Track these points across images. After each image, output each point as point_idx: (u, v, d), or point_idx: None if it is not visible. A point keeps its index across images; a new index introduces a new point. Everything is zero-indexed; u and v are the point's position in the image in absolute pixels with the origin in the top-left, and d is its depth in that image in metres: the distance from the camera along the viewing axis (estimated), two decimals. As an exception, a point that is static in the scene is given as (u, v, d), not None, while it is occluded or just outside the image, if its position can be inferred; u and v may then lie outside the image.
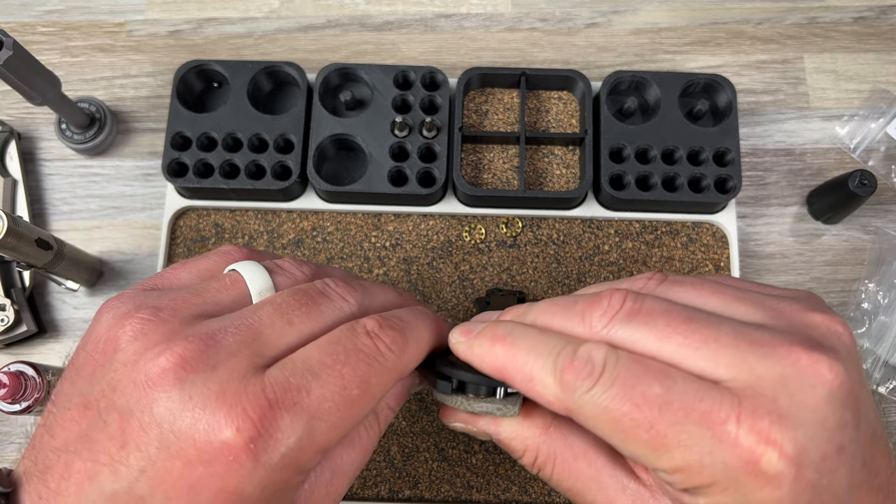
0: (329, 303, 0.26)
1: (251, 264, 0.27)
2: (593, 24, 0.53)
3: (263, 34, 0.53)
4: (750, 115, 0.51)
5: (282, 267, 0.27)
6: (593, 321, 0.24)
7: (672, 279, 0.25)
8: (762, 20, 0.53)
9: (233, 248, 0.28)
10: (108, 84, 0.52)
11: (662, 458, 0.21)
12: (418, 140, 0.46)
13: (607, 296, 0.24)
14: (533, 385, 0.24)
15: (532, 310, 0.27)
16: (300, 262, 0.28)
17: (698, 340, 0.22)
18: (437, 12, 0.53)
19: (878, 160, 0.50)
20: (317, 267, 0.29)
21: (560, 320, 0.25)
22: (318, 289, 0.26)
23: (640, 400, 0.21)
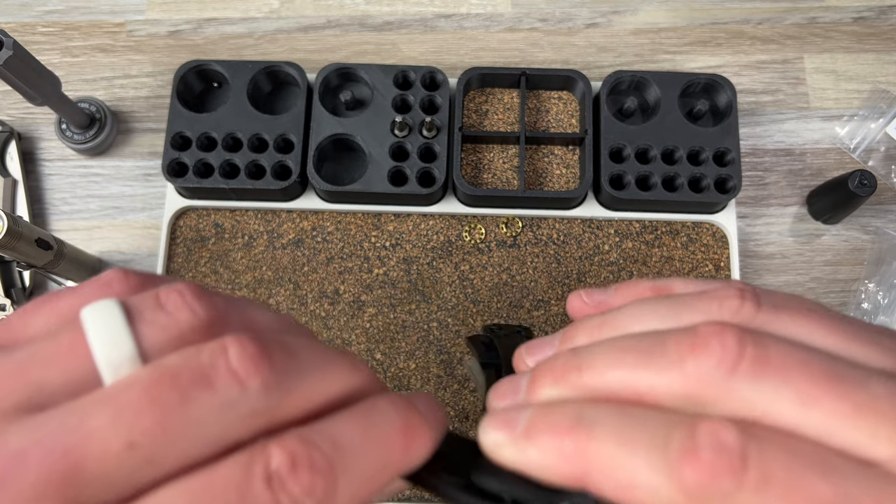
0: (214, 399, 0.15)
1: (105, 308, 0.16)
2: (593, 24, 0.53)
3: (263, 34, 0.53)
4: (750, 115, 0.51)
5: (162, 305, 0.17)
6: (703, 376, 0.17)
7: (769, 303, 0.19)
8: (762, 20, 0.53)
9: (115, 276, 0.18)
10: (109, 84, 0.52)
11: None
12: (418, 140, 0.46)
13: (714, 334, 0.17)
14: (636, 493, 0.16)
15: (584, 358, 0.19)
16: (198, 296, 0.17)
17: (852, 407, 0.16)
18: (437, 12, 0.53)
19: (878, 160, 0.50)
20: (227, 304, 0.18)
21: (646, 374, 0.18)
22: (201, 368, 0.16)
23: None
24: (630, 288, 0.22)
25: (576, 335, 0.21)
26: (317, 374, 0.17)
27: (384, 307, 0.46)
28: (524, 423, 0.18)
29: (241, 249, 0.47)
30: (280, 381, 0.16)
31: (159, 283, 0.18)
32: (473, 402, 0.44)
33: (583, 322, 0.21)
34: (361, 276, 0.46)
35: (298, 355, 0.17)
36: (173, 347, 0.16)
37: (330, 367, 0.18)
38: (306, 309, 0.46)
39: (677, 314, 0.19)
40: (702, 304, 0.19)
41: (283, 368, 0.16)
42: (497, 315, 0.46)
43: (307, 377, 0.17)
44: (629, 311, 0.20)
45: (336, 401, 0.18)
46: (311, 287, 0.46)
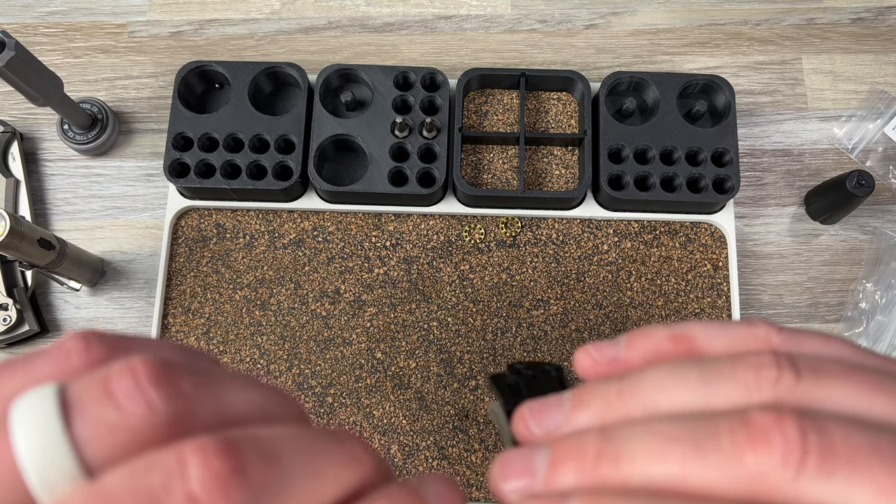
0: None
1: (37, 400, 0.13)
2: (592, 25, 0.54)
3: (265, 35, 0.53)
4: (748, 115, 0.51)
5: (111, 394, 0.13)
6: (767, 474, 0.15)
7: (808, 367, 0.17)
8: (760, 21, 0.53)
9: (75, 346, 0.15)
10: (110, 85, 0.52)
11: None
12: (418, 140, 0.46)
13: (773, 425, 0.15)
14: None
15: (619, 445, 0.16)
16: (158, 379, 0.13)
17: None
18: (437, 14, 0.54)
19: (876, 160, 0.50)
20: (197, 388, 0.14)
21: (699, 471, 0.15)
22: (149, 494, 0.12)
23: None
24: (644, 340, 0.19)
25: (590, 402, 0.18)
26: (305, 483, 0.14)
27: (384, 307, 0.46)
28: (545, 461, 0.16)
29: (242, 249, 0.47)
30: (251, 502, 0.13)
31: (131, 351, 0.15)
32: (473, 400, 0.45)
33: (598, 387, 0.18)
34: (362, 276, 0.47)
35: (282, 461, 0.14)
36: (123, 453, 0.13)
37: (321, 469, 0.14)
38: (307, 308, 0.46)
39: (709, 386, 0.17)
40: (736, 374, 0.17)
41: (260, 485, 0.13)
42: (497, 314, 0.46)
43: (292, 490, 0.14)
44: (653, 379, 0.18)
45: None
46: (312, 287, 0.47)
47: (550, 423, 0.18)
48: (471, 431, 0.44)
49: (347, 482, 0.15)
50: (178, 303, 0.46)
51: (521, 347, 0.46)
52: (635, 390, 0.17)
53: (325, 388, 0.45)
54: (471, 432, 0.44)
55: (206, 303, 0.46)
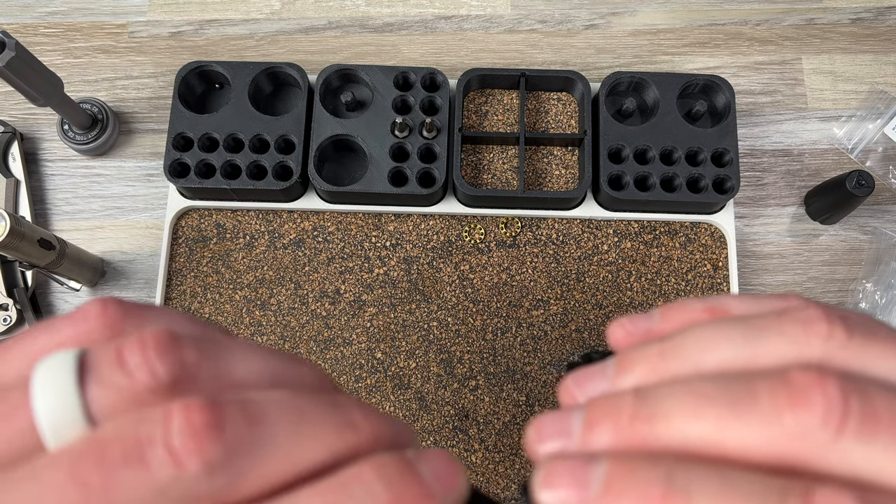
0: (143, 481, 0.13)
1: (58, 364, 0.14)
2: (592, 25, 0.54)
3: (265, 35, 0.53)
4: (748, 115, 0.51)
5: (123, 362, 0.15)
6: (806, 435, 0.14)
7: (859, 333, 0.16)
8: (760, 21, 0.53)
9: (93, 310, 0.16)
10: (111, 85, 0.52)
11: None
12: (418, 141, 0.46)
13: (814, 385, 0.15)
14: None
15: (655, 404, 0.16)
16: (164, 350, 0.15)
17: None
18: (437, 14, 0.54)
19: (876, 161, 0.50)
20: (200, 355, 0.15)
21: (736, 430, 0.15)
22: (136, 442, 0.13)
23: None
24: (680, 311, 0.19)
25: (633, 365, 0.18)
26: (286, 444, 0.14)
27: (385, 307, 0.46)
28: (599, 480, 0.15)
29: (242, 249, 0.47)
30: (231, 460, 0.13)
31: (144, 317, 0.16)
32: (473, 400, 0.45)
33: (639, 350, 0.18)
34: (362, 276, 0.47)
35: (265, 421, 0.14)
36: (125, 410, 0.14)
37: (305, 433, 0.15)
38: (307, 308, 0.46)
39: (755, 340, 0.16)
40: (783, 328, 0.16)
41: (238, 442, 0.14)
42: (497, 314, 0.46)
43: (271, 451, 0.14)
44: (696, 338, 0.17)
45: (315, 469, 0.15)
46: (312, 287, 0.47)
47: (595, 389, 0.18)
48: (471, 431, 0.44)
49: (334, 447, 0.15)
50: (179, 303, 0.46)
51: (521, 347, 0.46)
52: (678, 349, 0.17)
53: (325, 388, 0.45)
54: (471, 432, 0.44)
55: (207, 303, 0.46)
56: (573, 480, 0.15)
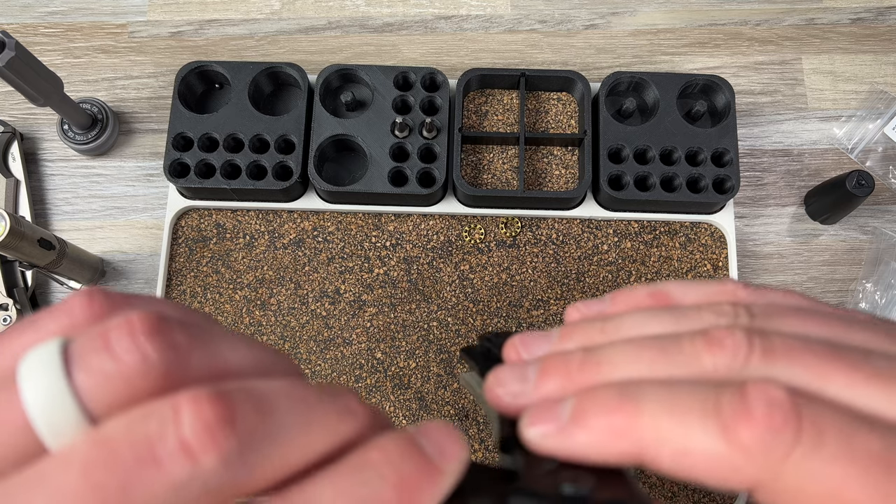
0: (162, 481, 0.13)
1: (41, 355, 0.14)
2: (592, 25, 0.54)
3: (265, 35, 0.53)
4: (748, 115, 0.51)
5: (109, 347, 0.14)
6: (720, 368, 0.18)
7: (763, 308, 0.20)
8: (760, 21, 0.53)
9: (78, 302, 0.16)
10: (110, 85, 0.52)
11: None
12: (418, 140, 0.46)
13: (726, 333, 0.18)
14: (693, 460, 0.16)
15: (601, 355, 0.19)
16: (153, 332, 0.14)
17: (863, 377, 0.17)
18: (436, 14, 0.54)
19: (876, 161, 0.50)
20: (190, 341, 0.15)
21: (665, 369, 0.18)
22: (147, 441, 0.13)
23: (867, 459, 0.15)
24: (627, 296, 0.22)
25: (575, 335, 0.21)
26: (296, 432, 0.14)
27: (384, 307, 0.46)
28: (568, 411, 0.18)
29: (242, 249, 0.47)
30: (245, 452, 0.13)
31: (131, 306, 0.16)
32: (473, 401, 0.45)
33: (582, 324, 0.21)
34: (362, 276, 0.47)
35: (273, 411, 0.14)
36: (122, 402, 0.14)
37: (314, 421, 0.15)
38: (307, 308, 0.46)
39: (677, 323, 0.20)
40: (701, 316, 0.20)
41: (250, 434, 0.14)
42: (497, 314, 0.46)
43: (282, 440, 0.14)
44: (632, 319, 0.20)
45: (323, 456, 0.15)
46: (312, 287, 0.47)
47: (538, 350, 0.21)
48: (471, 432, 0.44)
49: (340, 433, 0.15)
50: (179, 303, 0.46)
51: (521, 347, 0.46)
52: (616, 326, 0.20)
53: (325, 388, 0.45)
54: (471, 432, 0.44)
55: (206, 303, 0.46)
56: (549, 415, 0.18)
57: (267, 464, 0.14)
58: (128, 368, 0.14)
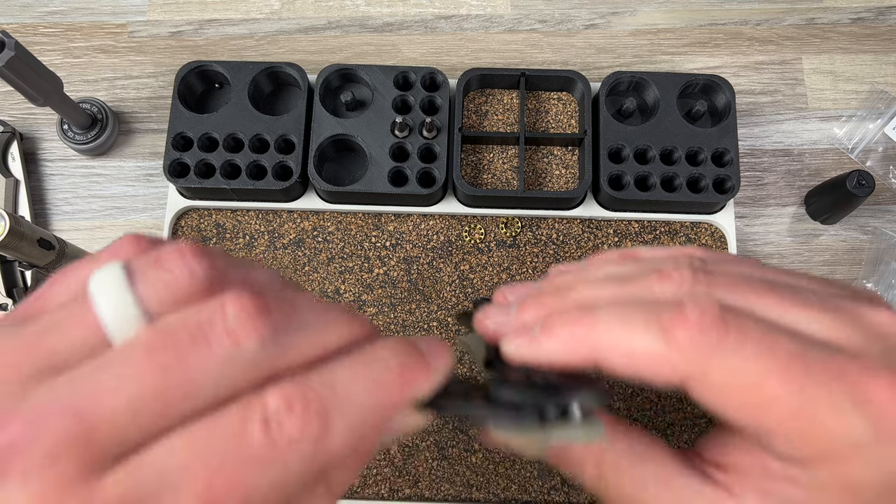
0: (211, 357, 0.16)
1: (109, 272, 0.17)
2: (592, 25, 0.54)
3: (264, 35, 0.53)
4: (748, 115, 0.51)
5: (162, 265, 0.17)
6: (667, 293, 0.22)
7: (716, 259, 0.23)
8: (760, 21, 0.53)
9: (127, 240, 0.19)
10: (110, 85, 0.52)
11: (803, 424, 0.19)
12: (418, 140, 0.46)
13: (675, 269, 0.22)
14: (639, 360, 0.20)
15: (568, 287, 0.24)
16: (198, 255, 0.18)
17: (791, 303, 0.20)
18: (436, 14, 0.54)
19: (876, 160, 0.50)
20: (227, 263, 0.19)
21: (622, 293, 0.23)
22: (199, 327, 0.16)
23: (785, 357, 0.19)
24: (602, 255, 0.27)
25: (553, 281, 0.25)
26: (315, 328, 0.18)
27: (385, 307, 0.46)
28: (538, 326, 0.22)
29: (242, 249, 0.47)
30: (277, 336, 0.17)
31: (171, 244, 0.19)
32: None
33: (559, 273, 0.26)
34: (362, 276, 0.47)
35: (298, 310, 0.18)
36: (175, 305, 0.17)
37: (329, 321, 0.19)
38: (307, 308, 0.46)
39: (638, 267, 0.24)
40: (658, 262, 0.24)
41: (281, 324, 0.17)
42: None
43: (306, 331, 0.18)
44: (601, 267, 0.25)
45: (335, 350, 0.18)
46: (312, 287, 0.46)
47: (522, 293, 0.26)
48: (471, 432, 0.44)
49: (348, 334, 0.19)
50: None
51: (522, 347, 0.45)
52: (587, 272, 0.25)
53: (325, 389, 0.45)
54: (471, 433, 0.44)
55: (206, 303, 0.46)
56: (523, 332, 0.23)
57: (294, 347, 0.17)
58: (179, 279, 0.17)
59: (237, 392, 0.16)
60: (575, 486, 0.43)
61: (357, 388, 0.18)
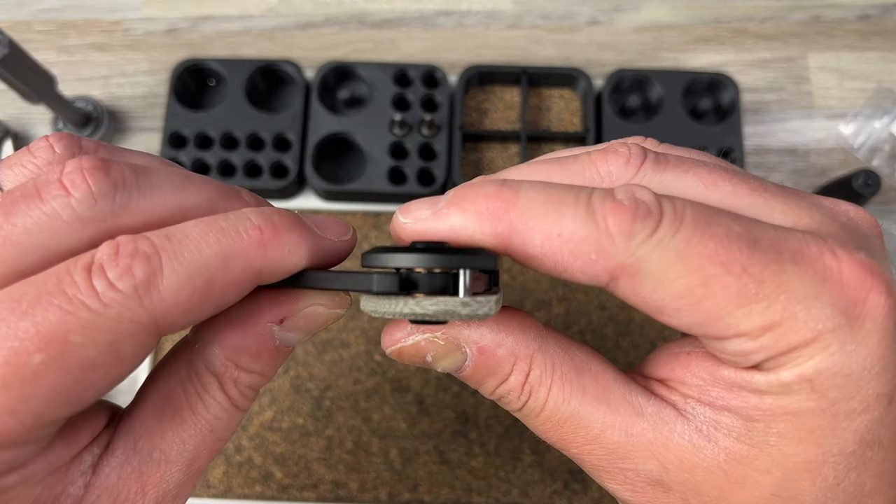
0: (40, 209, 0.16)
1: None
2: (595, 21, 0.53)
3: (261, 32, 0.52)
4: (753, 113, 0.51)
5: (31, 151, 0.18)
6: (614, 172, 0.19)
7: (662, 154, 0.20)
8: (766, 18, 0.53)
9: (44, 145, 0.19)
10: (105, 82, 0.51)
11: (754, 314, 0.16)
12: (417, 138, 0.45)
13: (622, 145, 0.20)
14: (561, 243, 0.17)
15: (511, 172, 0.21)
16: (61, 137, 0.19)
17: (748, 189, 0.18)
18: (437, 10, 0.53)
19: (883, 159, 0.50)
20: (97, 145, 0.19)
21: (562, 177, 0.20)
22: (35, 185, 0.17)
23: (725, 238, 0.16)
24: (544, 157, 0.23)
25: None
26: (168, 190, 0.18)
27: (383, 308, 0.45)
28: (446, 198, 0.18)
29: (238, 249, 0.46)
30: (113, 192, 0.17)
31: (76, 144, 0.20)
32: (474, 403, 0.44)
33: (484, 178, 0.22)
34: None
35: (150, 174, 0.18)
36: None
37: (190, 187, 0.18)
38: (304, 310, 0.45)
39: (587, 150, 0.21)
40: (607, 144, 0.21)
41: (121, 181, 0.17)
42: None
43: (154, 191, 0.17)
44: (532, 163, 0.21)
45: (194, 214, 0.18)
46: (310, 287, 0.46)
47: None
48: (471, 435, 0.43)
49: (214, 199, 0.19)
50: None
51: (523, 349, 0.45)
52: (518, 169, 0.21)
53: (323, 392, 0.44)
54: (471, 436, 0.43)
55: (202, 304, 0.46)
56: (426, 204, 0.19)
57: (136, 206, 0.17)
58: (38, 159, 0.18)
59: (72, 251, 0.16)
60: (577, 492, 0.42)
61: (202, 238, 0.17)
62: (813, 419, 0.17)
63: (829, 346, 0.16)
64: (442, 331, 0.19)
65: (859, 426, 0.17)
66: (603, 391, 0.19)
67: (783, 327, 0.16)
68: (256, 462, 0.43)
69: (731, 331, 0.17)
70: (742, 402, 0.18)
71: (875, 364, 0.17)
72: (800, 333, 0.16)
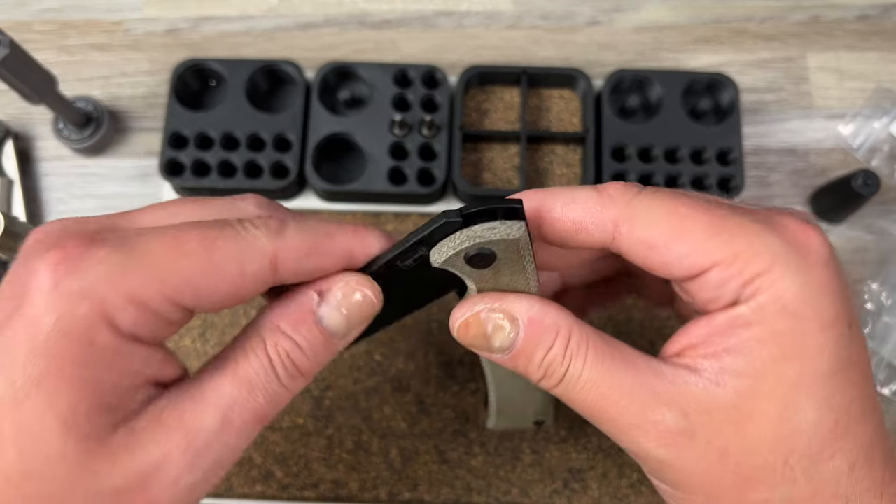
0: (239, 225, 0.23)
1: None
2: (595, 21, 0.53)
3: (262, 32, 0.52)
4: (753, 113, 0.51)
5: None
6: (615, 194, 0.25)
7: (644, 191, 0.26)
8: (765, 18, 0.53)
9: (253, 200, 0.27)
10: (105, 83, 0.51)
11: (722, 244, 0.21)
12: (418, 139, 0.45)
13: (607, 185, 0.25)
14: (575, 204, 0.23)
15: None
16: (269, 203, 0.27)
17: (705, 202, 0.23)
18: (436, 10, 0.53)
19: (882, 160, 0.50)
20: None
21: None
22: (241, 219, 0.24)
23: (692, 197, 0.23)
24: None
25: None
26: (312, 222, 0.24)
27: (383, 308, 0.46)
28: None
29: (239, 249, 0.46)
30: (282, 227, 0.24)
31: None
32: (474, 403, 0.44)
33: None
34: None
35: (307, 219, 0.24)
36: None
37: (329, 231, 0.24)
38: (305, 309, 0.45)
39: None
40: None
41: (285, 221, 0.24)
42: (497, 316, 0.45)
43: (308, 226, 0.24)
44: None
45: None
46: (310, 287, 0.46)
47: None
48: (471, 435, 0.43)
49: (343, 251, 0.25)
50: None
51: (523, 349, 0.45)
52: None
53: (323, 391, 0.44)
54: (471, 436, 0.43)
55: (203, 304, 0.46)
56: None
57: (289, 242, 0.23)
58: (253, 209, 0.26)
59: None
60: (577, 491, 0.42)
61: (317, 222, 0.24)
62: (793, 337, 0.21)
63: (786, 272, 0.21)
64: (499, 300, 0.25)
65: (829, 341, 0.21)
66: (630, 358, 0.23)
67: (746, 254, 0.21)
68: (257, 461, 0.43)
69: (709, 259, 0.21)
70: (737, 339, 0.22)
71: (825, 287, 0.22)
72: (760, 259, 0.21)
